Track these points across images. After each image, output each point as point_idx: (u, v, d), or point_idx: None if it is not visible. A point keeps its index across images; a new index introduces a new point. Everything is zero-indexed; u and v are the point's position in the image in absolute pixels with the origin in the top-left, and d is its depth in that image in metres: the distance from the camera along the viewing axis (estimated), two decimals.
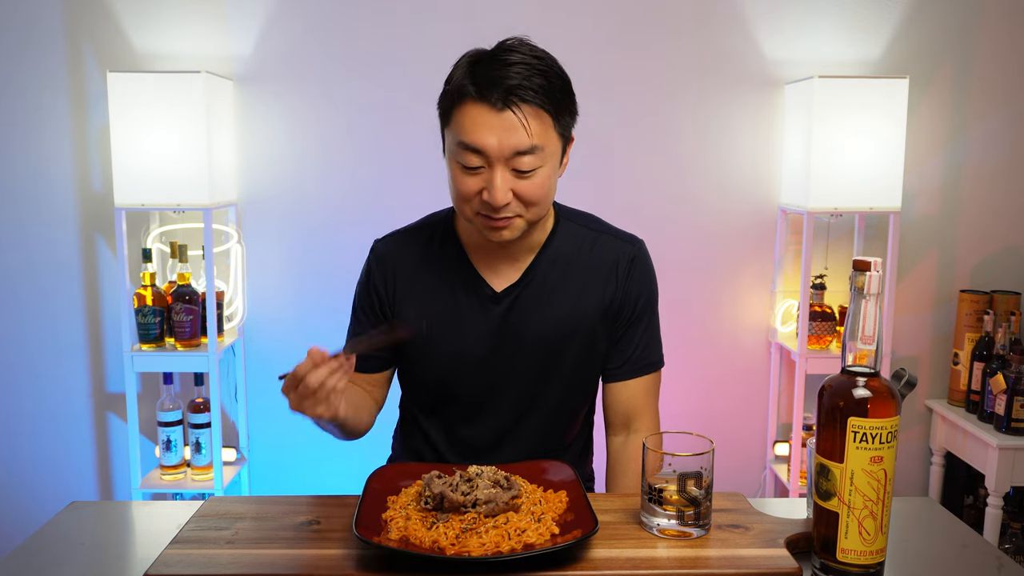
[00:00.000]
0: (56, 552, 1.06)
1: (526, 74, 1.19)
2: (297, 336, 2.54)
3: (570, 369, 1.37)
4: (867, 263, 0.92)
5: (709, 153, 2.53)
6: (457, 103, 1.21)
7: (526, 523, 1.00)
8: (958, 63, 2.51)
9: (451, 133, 1.23)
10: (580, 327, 1.35)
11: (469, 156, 1.21)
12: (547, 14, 2.44)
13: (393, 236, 1.43)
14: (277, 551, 0.99)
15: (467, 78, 1.20)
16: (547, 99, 1.20)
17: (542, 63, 1.22)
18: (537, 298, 1.35)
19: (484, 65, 1.20)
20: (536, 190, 1.23)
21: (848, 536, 0.93)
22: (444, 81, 1.26)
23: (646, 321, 1.40)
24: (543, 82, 1.20)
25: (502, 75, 1.18)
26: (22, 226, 2.48)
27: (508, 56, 1.20)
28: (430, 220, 1.43)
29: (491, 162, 1.20)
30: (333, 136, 2.48)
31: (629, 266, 1.37)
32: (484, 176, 1.21)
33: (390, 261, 1.39)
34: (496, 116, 1.18)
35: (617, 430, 1.43)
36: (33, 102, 2.43)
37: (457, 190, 1.25)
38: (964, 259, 2.60)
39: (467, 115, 1.20)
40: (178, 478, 2.39)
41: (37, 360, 2.54)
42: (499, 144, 1.18)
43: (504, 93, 1.18)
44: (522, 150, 1.19)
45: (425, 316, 1.36)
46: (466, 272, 1.35)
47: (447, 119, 1.24)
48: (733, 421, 2.64)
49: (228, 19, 2.42)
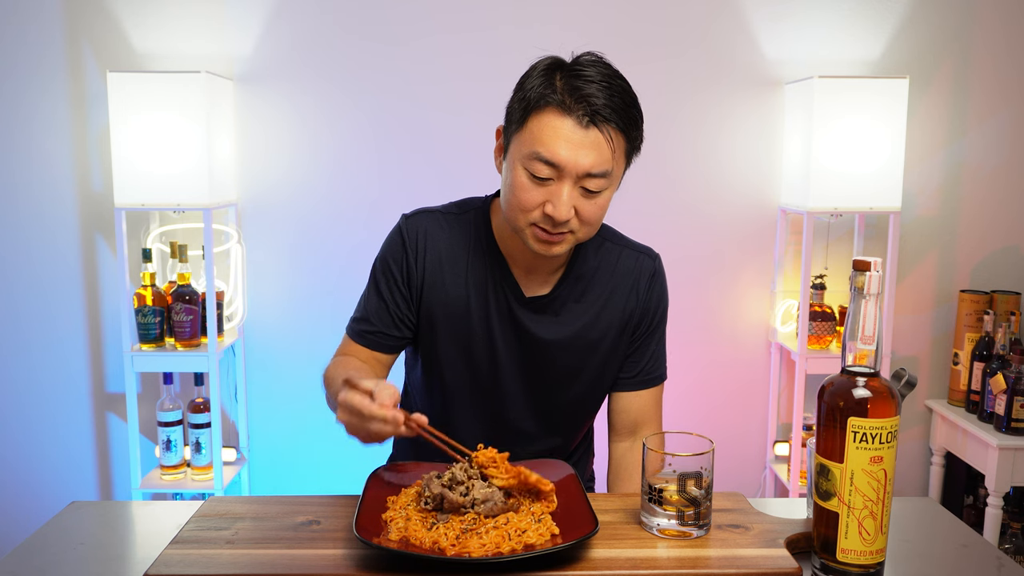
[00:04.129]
0: (56, 552, 1.06)
1: (609, 93, 1.16)
2: (297, 336, 2.55)
3: (586, 379, 1.38)
4: (867, 263, 0.92)
5: (709, 153, 2.53)
6: (536, 111, 1.17)
7: (526, 523, 1.00)
8: (958, 63, 2.51)
9: (522, 140, 1.19)
10: (602, 338, 1.36)
11: (541, 167, 1.17)
12: (547, 14, 2.44)
13: (425, 214, 1.36)
14: (277, 551, 0.99)
15: (549, 87, 1.17)
16: (627, 123, 1.18)
17: (620, 81, 1.19)
18: (564, 308, 1.34)
19: (567, 77, 1.17)
20: (598, 211, 1.22)
21: (848, 536, 0.93)
22: (516, 85, 1.22)
23: (659, 334, 1.42)
24: (623, 106, 1.18)
25: (588, 91, 1.15)
26: (22, 226, 2.48)
27: (590, 72, 1.17)
28: (466, 208, 1.37)
29: (562, 176, 1.17)
30: (333, 136, 2.48)
31: (650, 281, 1.39)
32: (549, 189, 1.18)
33: (422, 238, 1.33)
34: (581, 133, 1.15)
35: (623, 436, 1.43)
36: (33, 102, 2.43)
37: (518, 198, 1.20)
38: (964, 259, 2.60)
39: (548, 125, 1.16)
40: (178, 478, 2.39)
41: (37, 360, 2.54)
42: (577, 161, 1.16)
43: (592, 112, 1.15)
44: (596, 172, 1.17)
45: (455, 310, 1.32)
46: (500, 271, 1.33)
47: (520, 125, 1.19)
48: (733, 421, 2.64)
49: (228, 19, 2.42)
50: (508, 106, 1.23)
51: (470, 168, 2.46)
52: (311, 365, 2.54)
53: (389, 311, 1.34)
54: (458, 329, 1.33)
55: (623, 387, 1.41)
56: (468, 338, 1.33)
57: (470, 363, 1.34)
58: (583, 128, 1.15)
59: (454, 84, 2.46)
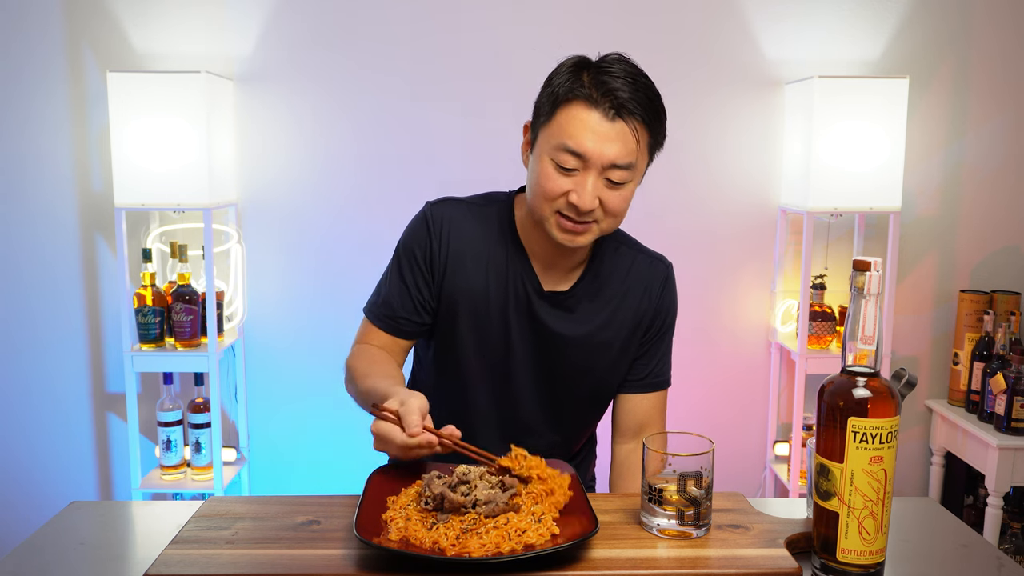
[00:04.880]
0: (56, 552, 1.06)
1: (634, 88, 1.21)
2: (297, 336, 2.54)
3: (594, 377, 1.39)
4: (867, 263, 0.92)
5: (709, 153, 2.53)
6: (564, 104, 1.22)
7: (526, 523, 1.00)
8: (958, 63, 2.51)
9: (551, 131, 1.23)
10: (613, 339, 1.38)
11: (567, 157, 1.21)
12: (547, 14, 2.44)
13: (451, 203, 1.38)
14: (277, 551, 0.99)
15: (576, 82, 1.21)
16: (651, 117, 1.23)
17: (644, 78, 1.24)
18: (579, 306, 1.36)
19: (594, 72, 1.22)
20: (621, 203, 1.25)
21: (848, 536, 0.93)
22: (544, 82, 1.26)
23: (667, 339, 1.45)
24: (648, 101, 1.22)
25: (614, 86, 1.20)
26: (22, 226, 2.48)
27: (616, 68, 1.22)
28: (490, 200, 1.40)
29: (587, 166, 1.21)
30: (333, 136, 2.48)
31: (663, 286, 1.42)
32: (575, 179, 1.22)
33: (446, 225, 1.35)
34: (608, 125, 1.20)
35: (627, 438, 1.45)
36: (34, 102, 2.43)
37: (544, 187, 1.24)
38: (964, 259, 2.60)
39: (575, 118, 1.20)
40: (178, 478, 2.39)
41: (37, 360, 2.54)
42: (602, 152, 1.20)
43: (618, 104, 1.20)
44: (621, 164, 1.21)
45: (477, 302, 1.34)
46: (521, 264, 1.35)
47: (548, 118, 1.24)
48: (733, 421, 2.64)
49: (228, 19, 2.42)
50: (536, 102, 1.28)
51: (470, 168, 2.46)
52: (311, 365, 2.54)
53: (411, 296, 1.35)
54: (476, 317, 1.35)
55: (630, 389, 1.43)
56: (485, 327, 1.35)
57: (484, 351, 1.35)
58: (609, 120, 1.20)
59: (454, 84, 2.46)
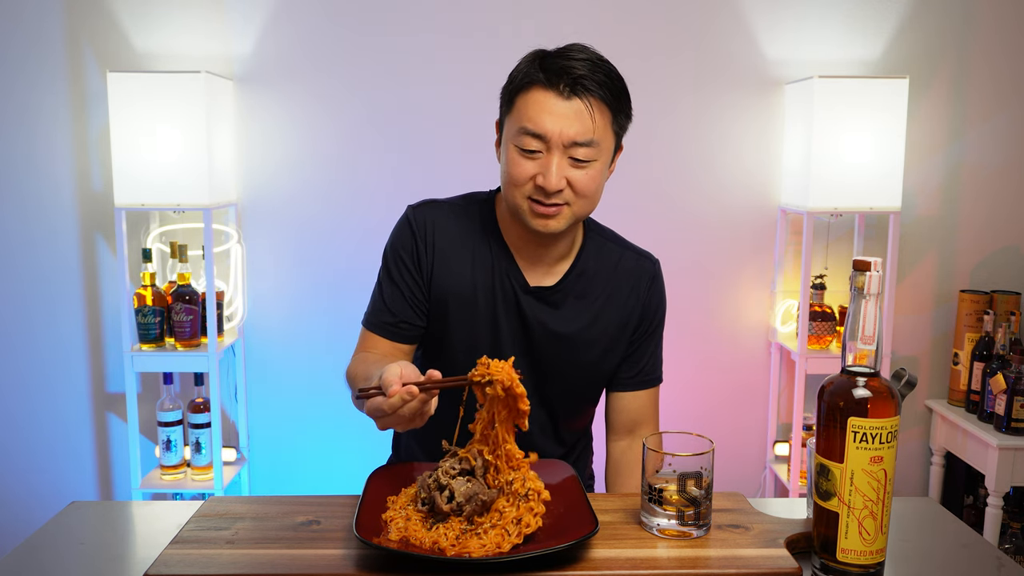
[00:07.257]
0: (56, 552, 1.06)
1: (592, 68, 1.23)
2: (297, 336, 2.54)
3: (582, 373, 1.40)
4: (867, 263, 0.92)
5: (709, 153, 2.53)
6: (523, 90, 1.25)
7: (518, 510, 1.00)
8: (958, 63, 2.51)
9: (512, 119, 1.26)
10: (601, 337, 1.39)
11: (529, 140, 1.23)
12: (546, 16, 2.44)
13: (432, 205, 1.39)
14: (277, 551, 0.99)
15: (534, 67, 1.24)
16: (610, 95, 1.25)
17: (605, 63, 1.26)
18: (565, 302, 1.37)
19: (552, 58, 1.25)
20: (589, 182, 1.26)
21: (848, 536, 0.93)
22: (508, 77, 1.29)
23: (657, 337, 1.45)
24: (606, 80, 1.24)
25: (570, 66, 1.22)
26: (22, 226, 2.48)
27: (574, 52, 1.25)
28: (471, 200, 1.41)
29: (550, 147, 1.23)
30: (333, 136, 2.48)
31: (650, 283, 1.42)
32: (540, 162, 1.24)
33: (429, 227, 1.36)
34: (563, 103, 1.22)
35: (621, 435, 1.46)
36: (33, 102, 2.43)
37: (511, 174, 1.26)
38: (964, 259, 2.60)
39: (533, 101, 1.23)
40: (178, 478, 2.39)
41: (37, 360, 2.54)
42: (561, 131, 1.22)
43: (572, 82, 1.22)
44: (582, 141, 1.23)
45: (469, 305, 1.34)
46: (505, 260, 1.36)
47: (510, 106, 1.27)
48: (733, 421, 2.64)
49: (228, 19, 2.42)
50: (501, 95, 1.30)
51: (470, 168, 2.46)
52: (311, 365, 2.54)
53: (406, 298, 1.36)
54: (465, 314, 1.35)
55: (622, 387, 1.44)
56: (474, 323, 1.35)
57: (474, 348, 1.35)
58: (565, 99, 1.22)
59: (453, 84, 2.46)
